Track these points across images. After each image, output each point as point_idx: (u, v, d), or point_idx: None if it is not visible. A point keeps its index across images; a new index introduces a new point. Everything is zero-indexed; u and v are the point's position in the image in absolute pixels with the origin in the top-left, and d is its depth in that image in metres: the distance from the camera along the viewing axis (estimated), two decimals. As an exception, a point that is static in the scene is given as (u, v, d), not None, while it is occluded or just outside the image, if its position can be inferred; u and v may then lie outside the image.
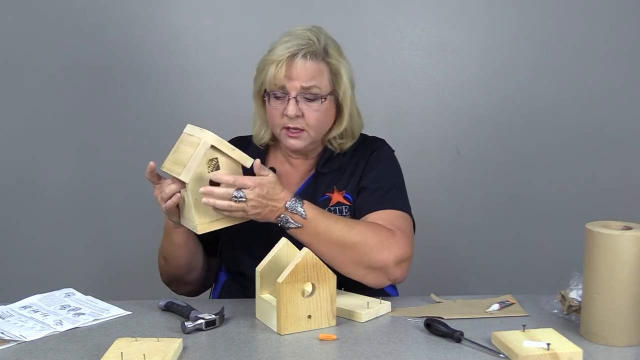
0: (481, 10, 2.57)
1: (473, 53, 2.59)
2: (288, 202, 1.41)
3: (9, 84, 2.58)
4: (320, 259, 1.34)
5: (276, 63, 1.50)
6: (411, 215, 1.59)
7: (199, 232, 1.41)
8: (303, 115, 1.52)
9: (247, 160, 1.43)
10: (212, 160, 1.38)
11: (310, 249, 1.38)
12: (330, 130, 1.61)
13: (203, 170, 1.38)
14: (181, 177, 1.36)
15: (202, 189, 1.35)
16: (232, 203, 1.36)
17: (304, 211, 1.41)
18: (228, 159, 1.40)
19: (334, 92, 1.56)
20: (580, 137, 2.61)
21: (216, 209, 1.37)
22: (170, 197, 1.41)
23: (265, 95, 1.56)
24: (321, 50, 1.53)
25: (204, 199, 1.35)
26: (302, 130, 1.53)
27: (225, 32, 2.57)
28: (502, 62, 2.59)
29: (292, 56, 1.50)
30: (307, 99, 1.52)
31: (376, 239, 1.45)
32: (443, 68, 2.60)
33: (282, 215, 1.41)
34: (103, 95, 2.59)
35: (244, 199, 1.36)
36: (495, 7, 2.57)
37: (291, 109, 1.50)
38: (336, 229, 1.43)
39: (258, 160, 1.42)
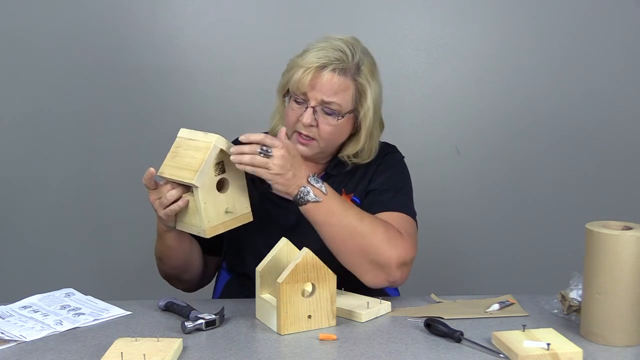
0: (482, 11, 2.57)
1: (474, 53, 2.58)
2: (310, 177, 1.42)
3: (9, 85, 2.57)
4: (329, 246, 1.34)
5: (304, 69, 1.50)
6: (416, 221, 1.59)
7: (208, 236, 1.41)
8: (317, 125, 1.52)
9: None
10: (218, 164, 1.39)
11: (320, 231, 1.39)
12: (345, 147, 1.61)
13: (211, 174, 1.38)
14: (194, 182, 1.34)
15: (233, 149, 1.35)
16: (256, 156, 1.35)
17: (324, 187, 1.43)
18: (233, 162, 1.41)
19: (355, 111, 1.56)
20: (580, 137, 2.61)
21: (239, 164, 1.36)
22: (171, 203, 1.40)
23: (286, 95, 1.57)
24: (353, 66, 1.52)
25: (233, 157, 1.35)
26: (312, 139, 1.54)
27: (227, 34, 2.56)
28: (503, 62, 2.59)
29: (321, 67, 1.49)
30: (325, 112, 1.52)
31: (385, 234, 1.45)
32: (444, 68, 2.60)
33: (303, 187, 1.41)
34: (103, 95, 2.58)
35: (270, 153, 1.36)
36: (496, 8, 2.57)
37: (307, 117, 1.51)
38: (350, 212, 1.44)
39: (284, 129, 1.43)
